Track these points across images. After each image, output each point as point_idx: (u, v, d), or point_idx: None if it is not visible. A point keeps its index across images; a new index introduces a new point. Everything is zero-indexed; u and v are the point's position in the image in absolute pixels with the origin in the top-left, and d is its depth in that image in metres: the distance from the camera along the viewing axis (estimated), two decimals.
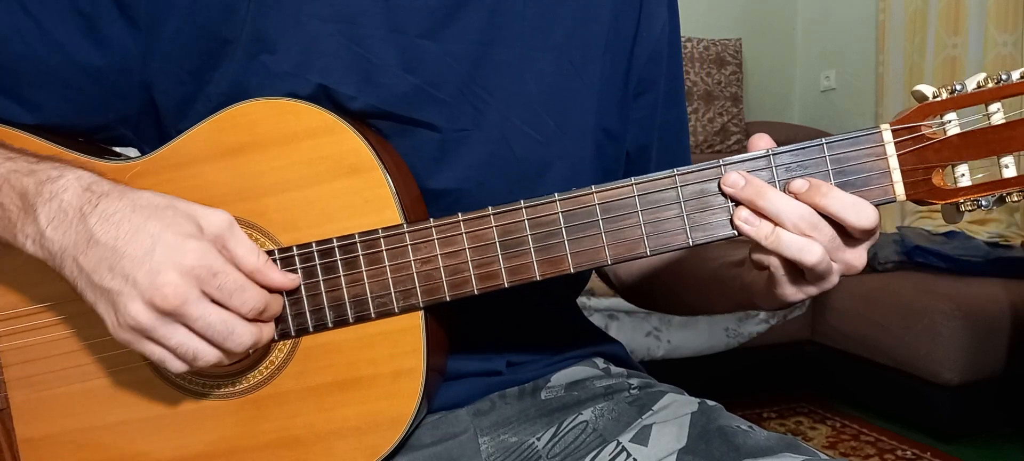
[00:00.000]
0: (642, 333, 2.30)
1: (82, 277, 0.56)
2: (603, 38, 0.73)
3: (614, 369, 0.79)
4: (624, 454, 0.67)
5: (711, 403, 0.71)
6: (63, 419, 0.66)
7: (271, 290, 0.60)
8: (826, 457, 0.64)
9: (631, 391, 0.75)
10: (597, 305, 2.22)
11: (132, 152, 0.73)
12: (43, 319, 0.65)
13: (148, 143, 0.70)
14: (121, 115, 0.68)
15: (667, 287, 0.81)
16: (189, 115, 0.66)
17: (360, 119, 0.66)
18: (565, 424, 0.72)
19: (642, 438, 0.67)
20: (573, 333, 0.82)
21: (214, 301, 0.56)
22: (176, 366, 0.58)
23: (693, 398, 0.72)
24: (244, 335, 0.57)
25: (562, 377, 0.77)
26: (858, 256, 0.60)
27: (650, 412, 0.71)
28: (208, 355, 0.57)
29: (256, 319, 0.59)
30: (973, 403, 2.23)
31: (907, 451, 2.22)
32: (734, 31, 3.33)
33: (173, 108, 0.66)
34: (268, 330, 0.61)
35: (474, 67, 0.68)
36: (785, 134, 3.13)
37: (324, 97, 0.64)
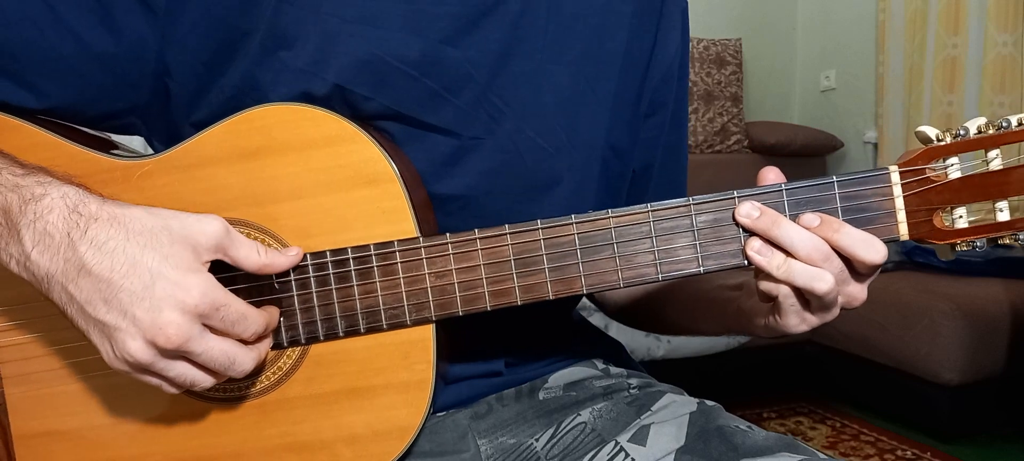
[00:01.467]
0: (642, 333, 2.30)
1: (73, 305, 0.54)
2: (619, 56, 0.73)
3: (613, 369, 0.79)
4: (623, 454, 0.67)
5: (710, 403, 0.71)
6: (60, 417, 0.65)
7: (282, 274, 0.60)
8: (825, 457, 0.64)
9: (630, 391, 0.75)
10: None
11: (138, 141, 0.72)
12: (41, 315, 0.65)
13: (156, 133, 0.70)
14: (131, 104, 0.67)
15: (657, 307, 0.82)
16: (201, 106, 0.65)
17: (374, 121, 0.65)
18: (564, 425, 0.72)
19: (640, 438, 0.68)
20: (572, 334, 0.83)
21: (216, 331, 0.56)
22: (172, 391, 0.57)
23: (692, 398, 0.73)
24: (246, 362, 0.57)
25: (560, 377, 0.77)
26: (861, 290, 0.62)
27: (649, 412, 0.71)
28: (207, 382, 0.57)
29: (256, 340, 0.59)
30: (973, 403, 2.23)
31: (907, 451, 2.22)
32: (734, 31, 3.33)
33: (186, 98, 0.66)
34: (266, 346, 0.60)
35: (492, 76, 0.68)
36: (785, 134, 3.13)
37: (339, 97, 0.64)
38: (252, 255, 0.58)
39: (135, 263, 0.53)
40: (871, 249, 0.59)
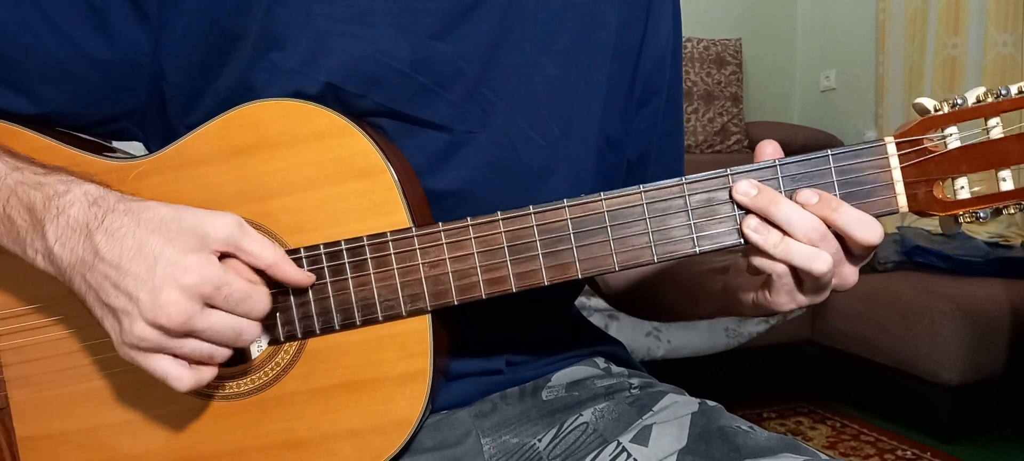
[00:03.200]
0: (642, 333, 2.30)
1: (90, 293, 0.56)
2: (610, 45, 0.73)
3: (615, 369, 0.79)
4: (624, 454, 0.67)
5: (711, 403, 0.71)
6: (63, 419, 0.66)
7: (287, 285, 0.60)
8: (826, 457, 0.64)
9: (631, 391, 0.75)
10: (597, 305, 2.22)
11: (134, 146, 0.72)
12: (43, 318, 0.65)
13: (152, 137, 0.70)
14: (127, 108, 0.68)
15: (654, 293, 0.81)
16: (196, 110, 0.66)
17: (367, 118, 0.66)
18: (566, 425, 0.72)
19: (642, 438, 0.67)
20: (573, 332, 0.83)
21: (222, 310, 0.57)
22: (185, 383, 0.57)
23: (693, 398, 0.73)
24: (253, 331, 0.58)
25: (563, 377, 0.77)
26: (853, 272, 0.61)
27: (650, 412, 0.71)
28: (219, 354, 0.58)
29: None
30: (973, 403, 2.23)
31: (907, 451, 2.22)
32: (734, 31, 3.33)
33: (181, 102, 0.66)
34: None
35: (483, 69, 0.68)
36: (785, 134, 3.13)
37: (331, 96, 0.64)
38: (265, 251, 0.58)
39: (141, 247, 0.55)
40: (868, 230, 0.58)
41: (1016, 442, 2.24)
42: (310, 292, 0.62)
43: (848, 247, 0.59)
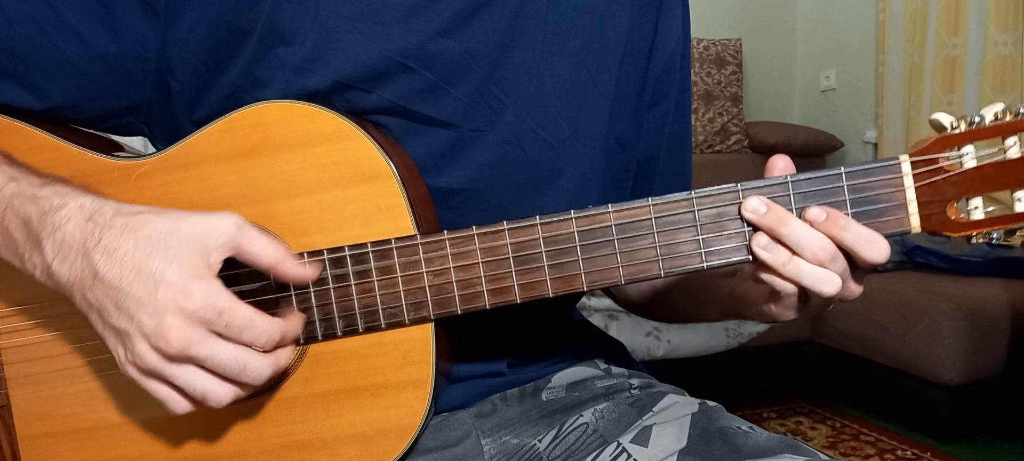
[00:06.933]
0: (642, 333, 2.30)
1: (92, 312, 0.56)
2: (620, 47, 0.73)
3: (615, 369, 0.79)
4: (625, 455, 0.67)
5: (712, 404, 0.71)
6: (64, 418, 0.65)
7: (290, 283, 0.60)
8: (826, 457, 0.64)
9: (632, 391, 0.75)
10: (597, 305, 2.23)
11: (138, 141, 0.72)
12: (45, 317, 0.65)
13: (157, 132, 0.70)
14: (133, 103, 0.68)
15: (662, 297, 0.82)
16: (202, 104, 0.65)
17: (373, 115, 0.65)
18: (566, 425, 0.72)
19: (642, 439, 0.67)
20: (573, 333, 0.83)
21: (224, 337, 0.55)
22: (182, 407, 0.56)
23: (694, 399, 0.73)
24: (260, 368, 0.56)
25: (563, 377, 0.77)
26: (858, 287, 0.61)
27: (650, 413, 0.71)
28: (220, 392, 0.56)
29: (274, 347, 0.58)
30: (973, 403, 2.23)
31: (907, 451, 2.22)
32: (734, 31, 3.33)
33: (188, 97, 0.66)
34: (285, 355, 0.59)
35: (492, 67, 0.67)
36: (785, 134, 3.13)
37: (339, 92, 0.64)
38: (266, 251, 0.57)
39: (141, 269, 0.54)
40: (874, 248, 0.57)
41: (1016, 442, 2.24)
42: (313, 297, 0.62)
43: (854, 262, 0.59)
